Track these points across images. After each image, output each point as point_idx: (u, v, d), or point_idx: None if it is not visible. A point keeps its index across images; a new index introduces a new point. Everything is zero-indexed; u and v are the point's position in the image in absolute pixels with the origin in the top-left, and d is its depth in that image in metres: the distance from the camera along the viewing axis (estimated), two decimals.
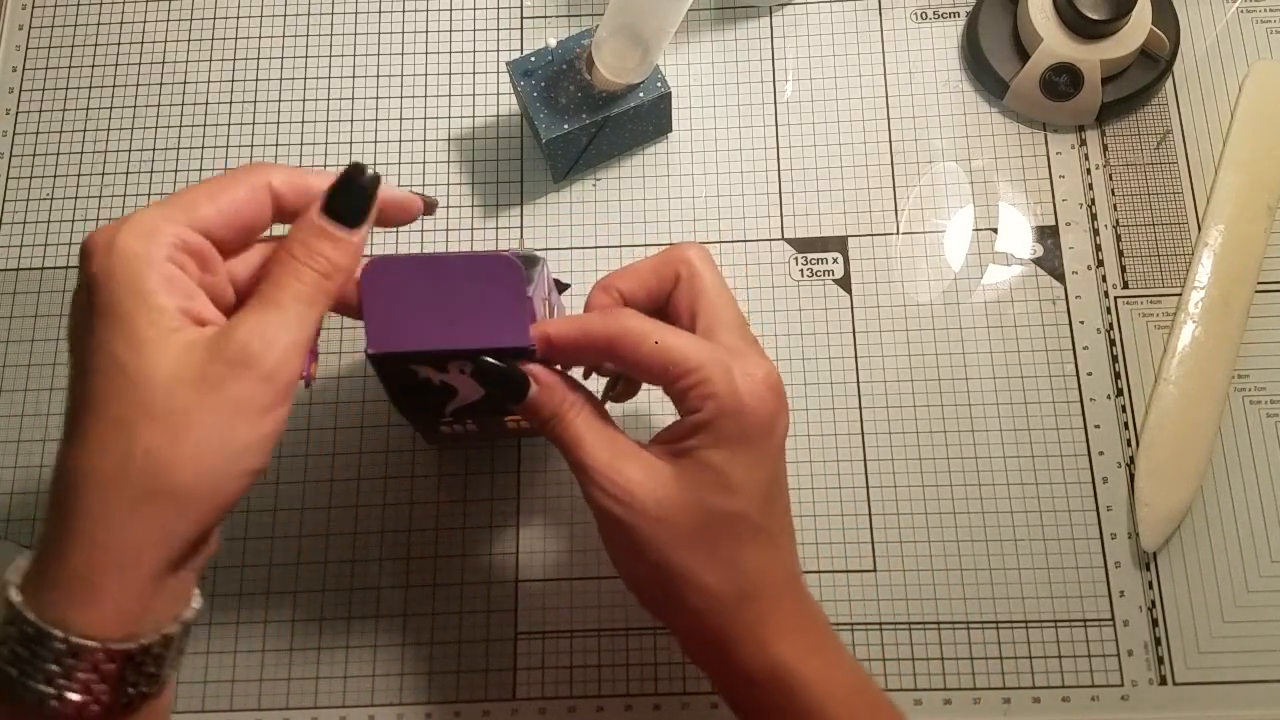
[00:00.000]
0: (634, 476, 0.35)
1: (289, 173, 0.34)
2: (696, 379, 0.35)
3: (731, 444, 0.35)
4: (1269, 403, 0.48)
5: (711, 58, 0.55)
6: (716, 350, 0.35)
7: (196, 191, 0.33)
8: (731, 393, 0.34)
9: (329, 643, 0.47)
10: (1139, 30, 0.51)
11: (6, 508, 0.49)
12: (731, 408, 0.34)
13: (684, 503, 0.35)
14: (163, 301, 0.30)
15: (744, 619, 0.35)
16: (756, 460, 0.35)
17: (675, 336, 0.35)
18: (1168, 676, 0.45)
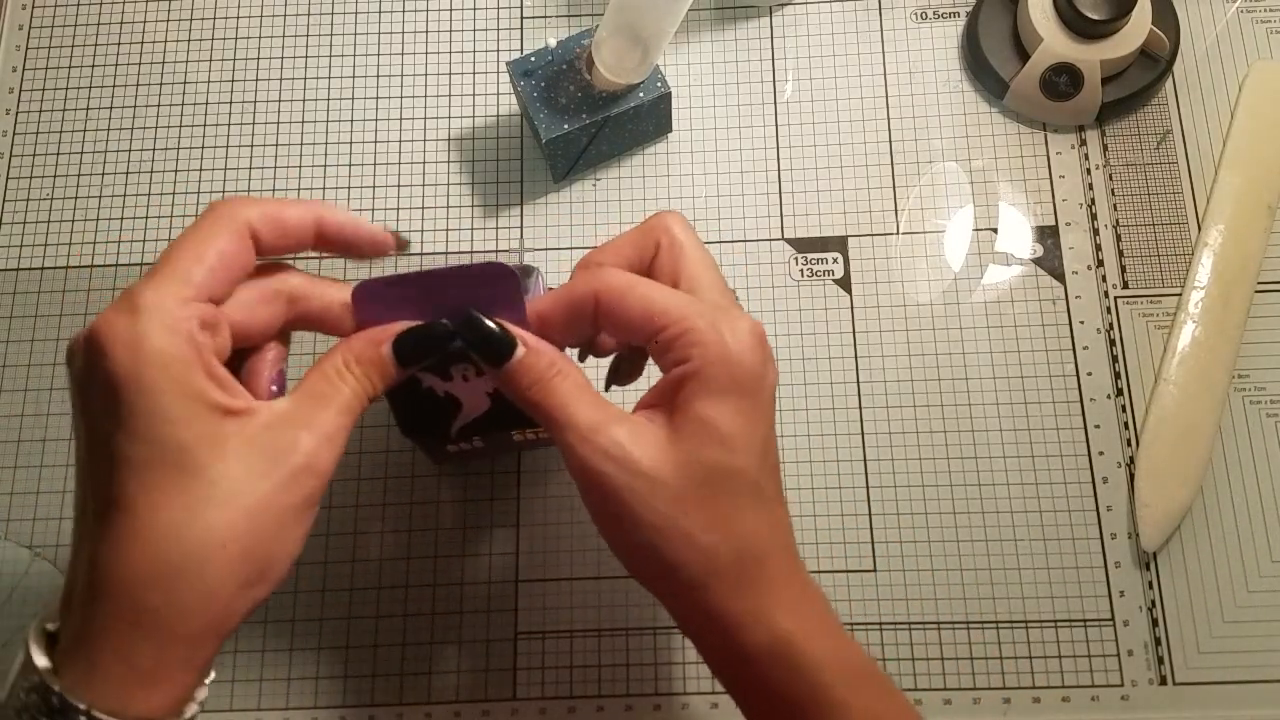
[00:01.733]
0: (624, 433, 0.33)
1: (264, 208, 0.34)
2: (682, 328, 0.33)
3: (722, 394, 0.33)
4: (1269, 403, 0.48)
5: (711, 58, 0.55)
6: (700, 303, 0.34)
7: (186, 256, 0.32)
8: (718, 341, 0.33)
9: (329, 643, 0.47)
10: (1139, 30, 0.51)
11: (6, 508, 0.49)
12: (720, 355, 0.33)
13: (678, 459, 0.33)
14: (214, 398, 0.31)
15: (745, 589, 0.33)
16: (750, 413, 0.34)
17: (656, 289, 0.34)
18: (1168, 676, 0.45)
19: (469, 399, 0.39)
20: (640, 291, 0.34)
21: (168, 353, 0.30)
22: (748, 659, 0.33)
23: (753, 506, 0.34)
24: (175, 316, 0.31)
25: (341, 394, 0.34)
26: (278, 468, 0.31)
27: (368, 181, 0.53)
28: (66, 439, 0.50)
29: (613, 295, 0.34)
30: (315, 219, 0.35)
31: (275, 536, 0.31)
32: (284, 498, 0.31)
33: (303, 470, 0.32)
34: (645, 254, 0.37)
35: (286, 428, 0.32)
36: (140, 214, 0.53)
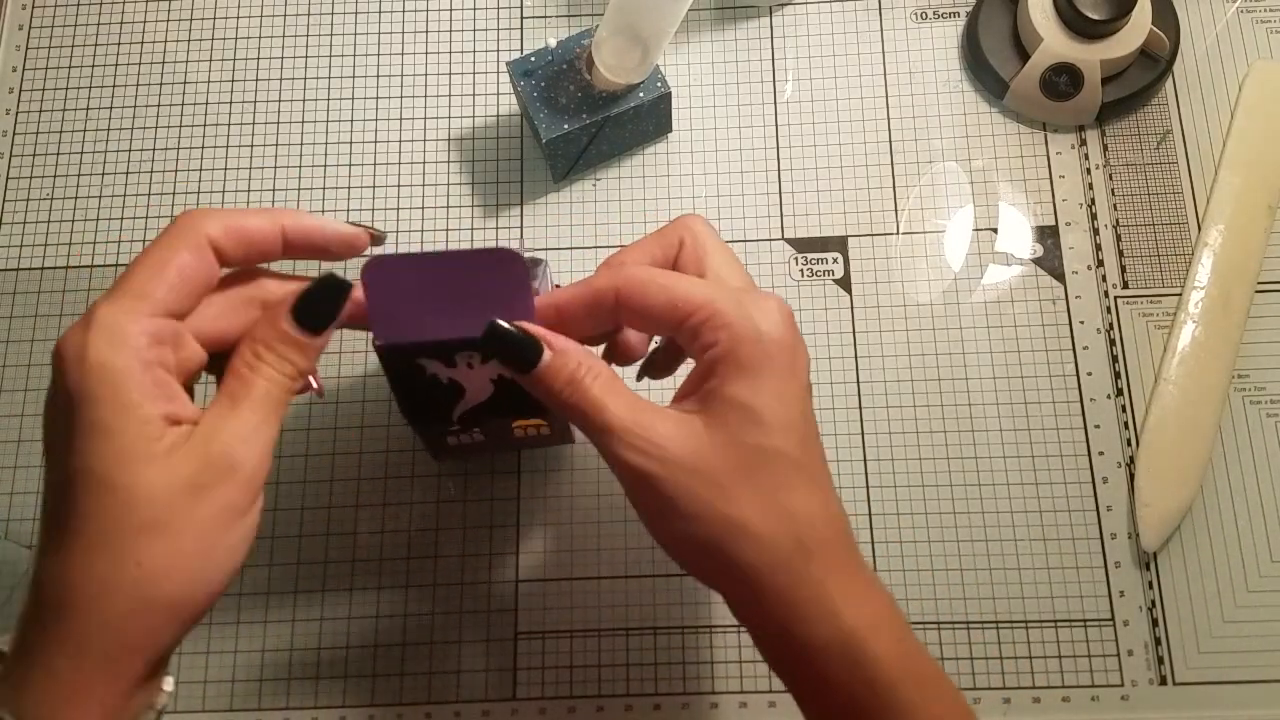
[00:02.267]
0: (662, 429, 0.33)
1: (225, 220, 0.34)
2: (708, 312, 0.33)
3: (755, 374, 0.33)
4: (1269, 403, 0.48)
5: (711, 58, 0.55)
6: (724, 288, 0.34)
7: (145, 271, 0.32)
8: (745, 319, 0.33)
9: (329, 643, 0.47)
10: (1139, 30, 0.51)
11: (6, 508, 0.49)
12: (749, 334, 0.33)
13: (718, 447, 0.32)
14: (146, 412, 0.31)
15: (807, 579, 0.32)
16: (785, 392, 0.33)
17: (679, 278, 0.34)
18: (1168, 676, 0.45)
19: (472, 385, 0.39)
20: (661, 282, 0.34)
21: (110, 366, 0.30)
22: (810, 654, 0.32)
23: (802, 487, 0.33)
24: (124, 331, 0.31)
25: (255, 388, 0.33)
26: (194, 479, 0.31)
27: (368, 181, 0.53)
28: None
29: (634, 287, 0.34)
30: (278, 227, 0.35)
31: (198, 551, 0.31)
32: (200, 508, 0.31)
33: (218, 477, 0.31)
34: (669, 253, 0.37)
35: (204, 436, 0.32)
36: (140, 214, 0.53)
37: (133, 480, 0.30)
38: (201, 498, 0.31)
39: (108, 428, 0.30)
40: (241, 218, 0.34)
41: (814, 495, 0.33)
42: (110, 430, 0.30)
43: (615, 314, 0.35)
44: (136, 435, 0.30)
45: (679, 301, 0.33)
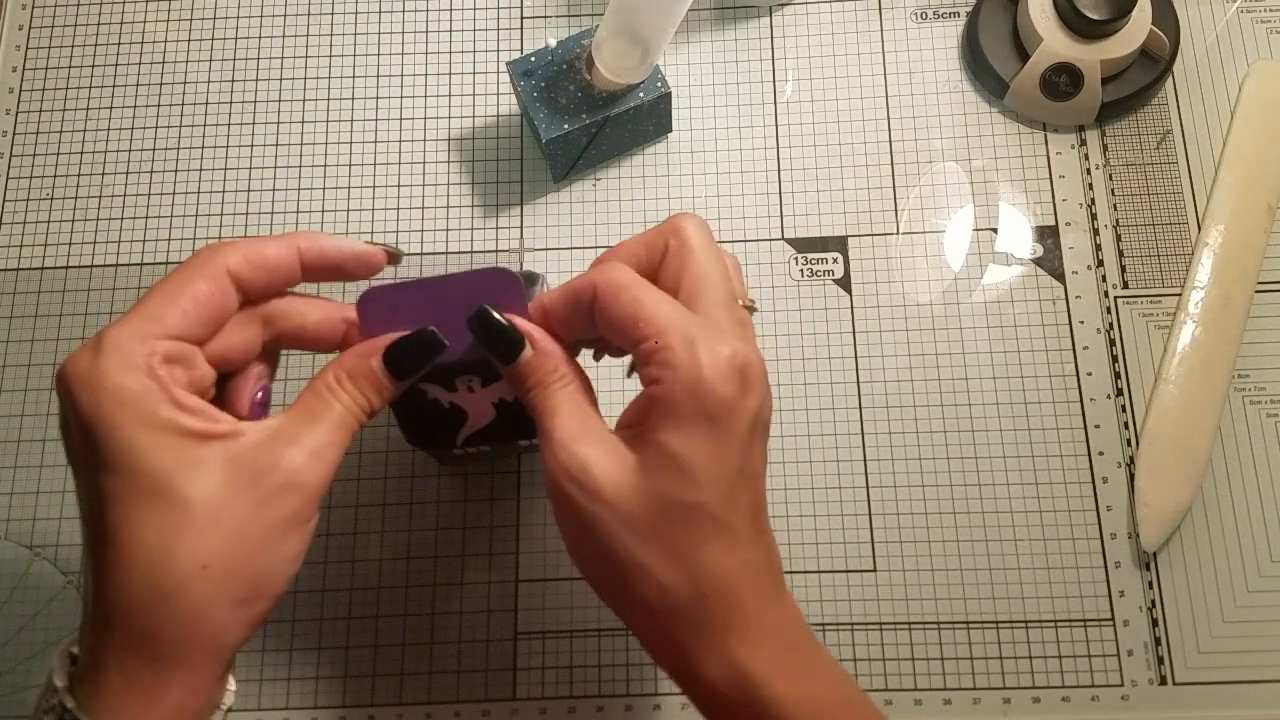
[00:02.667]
0: (592, 455, 0.33)
1: (244, 250, 0.34)
2: (659, 344, 0.32)
3: (689, 425, 0.32)
4: (1269, 403, 0.48)
5: (711, 58, 0.55)
6: (690, 320, 0.33)
7: (159, 297, 0.32)
8: (691, 365, 0.32)
9: (329, 643, 0.47)
10: (1139, 30, 0.51)
11: (6, 508, 0.49)
12: (688, 382, 0.32)
13: (640, 490, 0.32)
14: (187, 425, 0.31)
15: (703, 624, 0.33)
16: (717, 447, 0.32)
17: (650, 295, 0.33)
18: (1168, 676, 0.45)
19: (474, 409, 0.39)
20: (631, 294, 0.33)
21: (125, 387, 0.31)
22: (711, 693, 0.33)
23: (717, 543, 0.33)
24: (134, 352, 0.31)
25: (333, 410, 0.34)
26: (257, 485, 0.32)
27: (368, 181, 0.53)
28: None
29: (608, 292, 0.34)
30: (295, 251, 0.35)
31: (261, 554, 0.32)
32: (266, 514, 0.32)
33: (285, 486, 0.32)
34: (655, 255, 0.36)
35: (272, 445, 0.32)
36: (140, 214, 0.53)
37: (185, 489, 0.31)
38: (267, 506, 0.32)
39: (144, 448, 0.30)
40: (259, 246, 0.34)
41: (729, 549, 0.33)
42: (147, 450, 0.31)
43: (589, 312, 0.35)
44: (175, 448, 0.31)
45: (640, 321, 0.33)
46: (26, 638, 0.47)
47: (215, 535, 0.31)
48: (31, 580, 0.48)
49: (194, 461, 0.31)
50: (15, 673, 0.46)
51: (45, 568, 0.48)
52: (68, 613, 0.47)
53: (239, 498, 0.31)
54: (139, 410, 0.31)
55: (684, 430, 0.32)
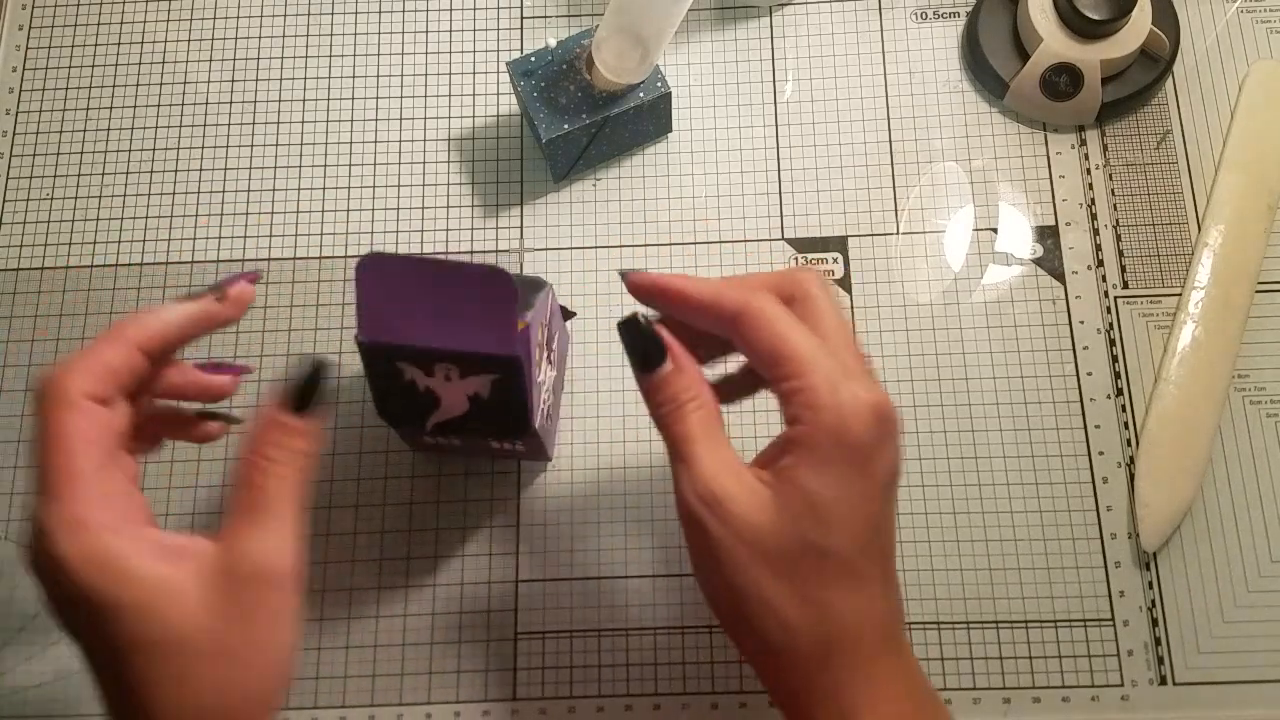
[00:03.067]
0: (731, 488, 0.33)
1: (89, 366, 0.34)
2: (803, 384, 0.32)
3: (828, 468, 0.32)
4: (1269, 403, 0.48)
5: (711, 58, 0.55)
6: (833, 363, 0.33)
7: (47, 462, 0.33)
8: (835, 407, 0.32)
9: (329, 643, 0.47)
10: (1139, 30, 0.51)
11: (6, 508, 0.49)
12: (832, 425, 0.32)
13: (777, 531, 0.32)
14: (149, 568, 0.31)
15: (824, 669, 0.33)
16: (856, 492, 0.32)
17: (798, 330, 0.33)
18: (1168, 676, 0.45)
19: (448, 398, 0.39)
20: (779, 328, 0.33)
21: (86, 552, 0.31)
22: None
23: (846, 588, 0.33)
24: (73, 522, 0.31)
25: (270, 491, 0.33)
26: (238, 603, 0.32)
27: (368, 182, 0.53)
28: None
29: (754, 318, 0.34)
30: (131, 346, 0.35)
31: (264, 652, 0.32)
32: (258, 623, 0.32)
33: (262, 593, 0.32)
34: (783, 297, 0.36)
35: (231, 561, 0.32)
36: (140, 214, 0.53)
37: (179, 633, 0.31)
38: (253, 616, 0.32)
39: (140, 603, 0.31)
40: (99, 356, 0.34)
41: (857, 595, 0.33)
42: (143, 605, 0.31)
43: (727, 326, 0.35)
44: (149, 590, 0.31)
45: (784, 357, 0.33)
46: (26, 638, 0.47)
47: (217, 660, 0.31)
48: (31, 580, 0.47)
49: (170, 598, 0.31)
50: (15, 673, 0.46)
51: None
52: None
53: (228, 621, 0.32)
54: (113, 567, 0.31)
55: (825, 473, 0.32)
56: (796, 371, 0.33)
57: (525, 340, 0.37)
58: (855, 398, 0.32)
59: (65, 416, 0.33)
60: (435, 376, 0.37)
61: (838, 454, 0.32)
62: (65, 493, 0.32)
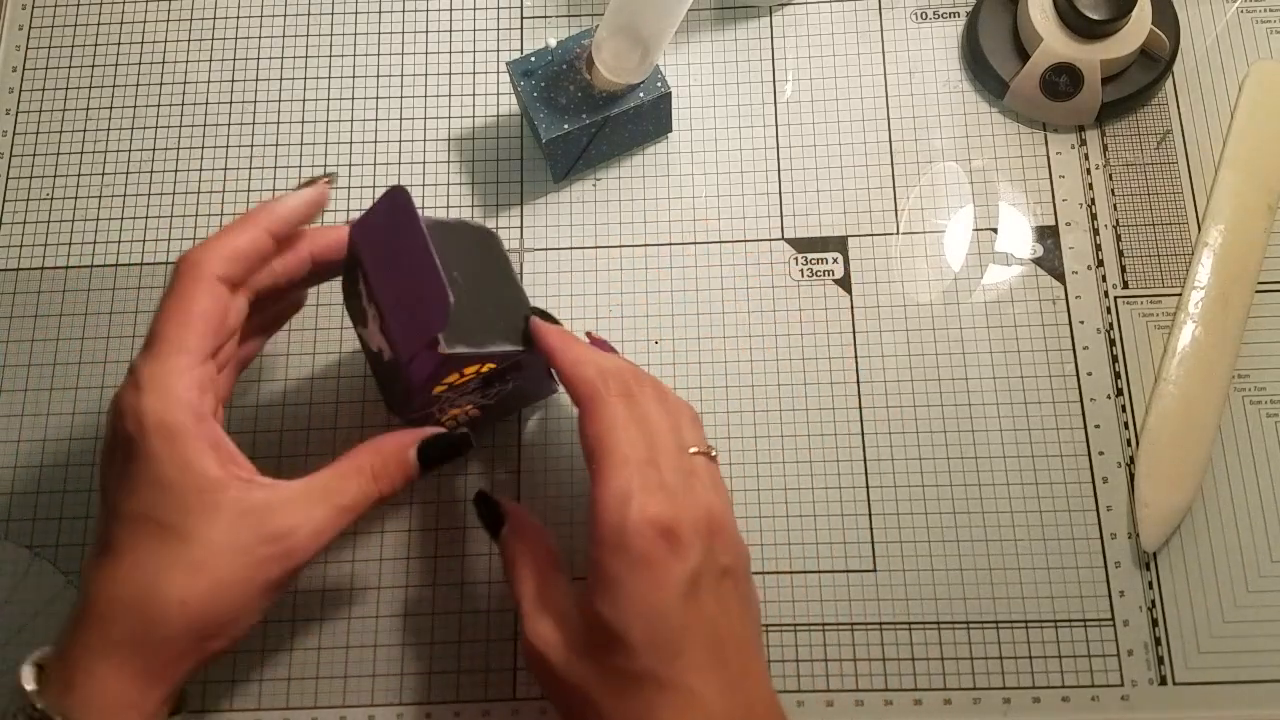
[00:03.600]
0: (551, 640, 0.35)
1: (223, 252, 0.36)
2: (597, 494, 0.34)
3: (615, 589, 0.33)
4: (1269, 403, 0.48)
5: (711, 58, 0.55)
6: (638, 475, 0.34)
7: (173, 326, 0.35)
8: (616, 526, 0.33)
9: (329, 643, 0.47)
10: (1139, 30, 0.51)
11: (6, 508, 0.49)
12: (611, 543, 0.33)
13: (589, 667, 0.34)
14: (209, 471, 0.34)
15: None
16: (647, 606, 0.33)
17: (622, 436, 0.35)
18: (1168, 676, 0.45)
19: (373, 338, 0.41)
20: (602, 427, 0.36)
21: (167, 424, 0.33)
22: None
23: (669, 708, 0.33)
24: (174, 390, 0.34)
25: (348, 494, 0.36)
26: (258, 548, 0.34)
27: (368, 182, 0.53)
28: (66, 439, 0.50)
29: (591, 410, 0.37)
30: (264, 232, 0.37)
31: (237, 606, 0.34)
32: (255, 575, 0.34)
33: (282, 555, 0.34)
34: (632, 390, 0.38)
35: (281, 512, 0.35)
36: (140, 214, 0.53)
37: (191, 530, 0.33)
38: (255, 568, 0.34)
39: (170, 482, 0.33)
40: (233, 241, 0.36)
41: (682, 712, 0.33)
42: (172, 485, 0.33)
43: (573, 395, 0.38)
44: (197, 490, 0.33)
45: (595, 460, 0.35)
46: (26, 638, 0.47)
47: (203, 579, 0.33)
48: (31, 580, 0.48)
49: (210, 506, 0.33)
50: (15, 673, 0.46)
51: (45, 568, 0.48)
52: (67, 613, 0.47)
53: (235, 553, 0.34)
54: (178, 450, 0.33)
55: (612, 595, 0.33)
56: (598, 478, 0.34)
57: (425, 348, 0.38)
58: (640, 512, 0.33)
59: (195, 292, 0.35)
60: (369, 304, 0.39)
61: (620, 572, 0.33)
62: (170, 360, 0.34)
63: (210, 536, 0.33)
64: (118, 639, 0.33)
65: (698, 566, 0.34)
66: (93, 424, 0.50)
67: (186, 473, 0.33)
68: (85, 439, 0.50)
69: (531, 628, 0.36)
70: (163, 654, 0.33)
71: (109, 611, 0.33)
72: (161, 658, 0.33)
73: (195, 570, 0.33)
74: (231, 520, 0.34)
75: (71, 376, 0.50)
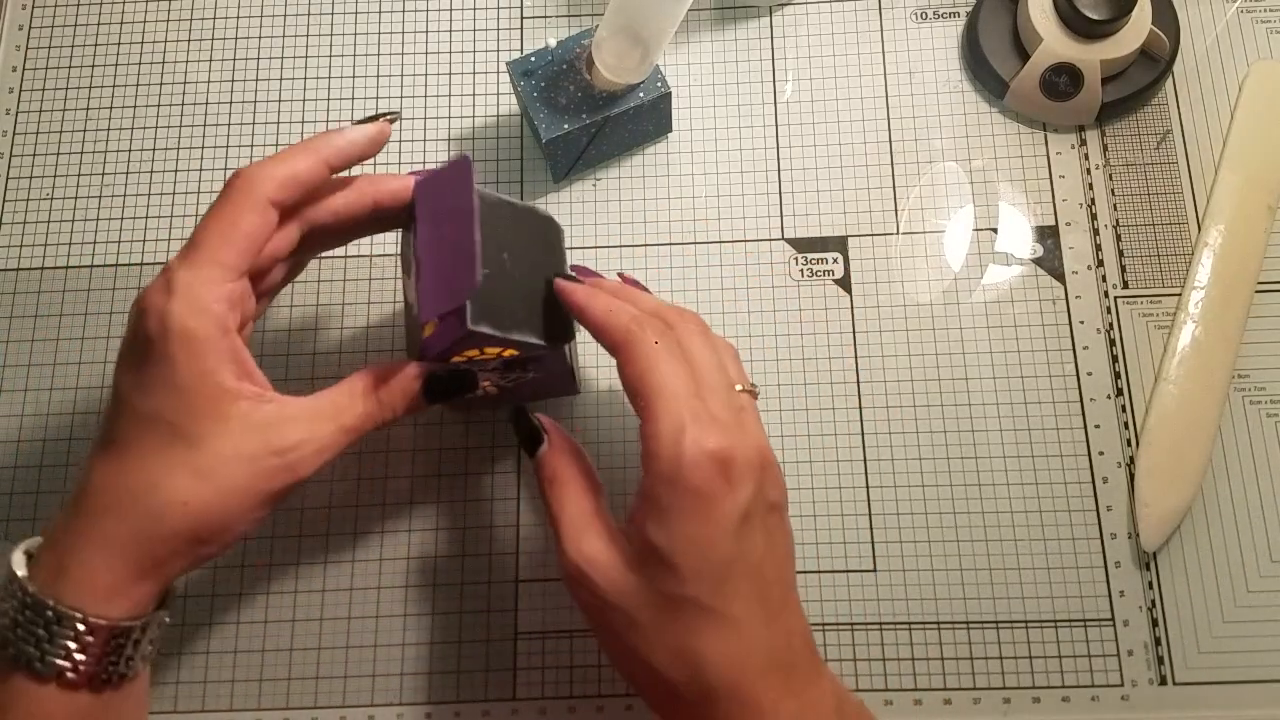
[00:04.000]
0: (592, 554, 0.35)
1: (279, 176, 0.36)
2: (650, 429, 0.34)
3: (667, 517, 0.33)
4: (1269, 403, 0.48)
5: (711, 58, 0.55)
6: (688, 406, 0.34)
7: (215, 237, 0.35)
8: (673, 457, 0.33)
9: (329, 643, 0.47)
10: (1139, 30, 0.51)
11: (6, 508, 0.49)
12: (668, 474, 0.33)
13: (635, 586, 0.34)
14: (222, 378, 0.34)
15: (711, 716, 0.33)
16: (701, 538, 0.33)
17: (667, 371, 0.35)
18: (1168, 676, 0.45)
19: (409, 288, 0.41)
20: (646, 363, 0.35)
21: (191, 332, 0.33)
22: None
23: (713, 634, 0.33)
24: (204, 299, 0.34)
25: (354, 413, 0.36)
26: (264, 459, 0.34)
27: None
28: (66, 439, 0.50)
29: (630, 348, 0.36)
30: (322, 162, 0.37)
31: (236, 514, 0.34)
32: (258, 484, 0.34)
33: (285, 468, 0.35)
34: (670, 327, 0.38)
35: (289, 425, 0.35)
36: (140, 214, 0.53)
37: (201, 435, 0.33)
38: (259, 479, 0.34)
39: (185, 387, 0.33)
40: (291, 167, 0.36)
41: (724, 639, 0.33)
42: (187, 390, 0.33)
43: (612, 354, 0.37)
44: (211, 398, 0.34)
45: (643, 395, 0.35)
46: None
47: (206, 483, 0.33)
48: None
49: (222, 416, 0.34)
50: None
51: None
52: None
53: (240, 462, 0.34)
54: (195, 354, 0.33)
55: (665, 524, 0.33)
56: (648, 414, 0.34)
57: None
58: (696, 445, 0.33)
59: (243, 208, 0.35)
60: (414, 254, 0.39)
61: (675, 502, 0.33)
62: (205, 269, 0.34)
63: (218, 444, 0.34)
64: (114, 530, 0.33)
65: (750, 500, 0.34)
66: (93, 424, 0.50)
67: (202, 380, 0.33)
68: (85, 439, 0.50)
69: (574, 546, 0.35)
70: (158, 550, 0.33)
71: (110, 503, 0.33)
72: (156, 554, 0.33)
73: (200, 474, 0.33)
74: (241, 430, 0.34)
75: (71, 376, 0.50)
